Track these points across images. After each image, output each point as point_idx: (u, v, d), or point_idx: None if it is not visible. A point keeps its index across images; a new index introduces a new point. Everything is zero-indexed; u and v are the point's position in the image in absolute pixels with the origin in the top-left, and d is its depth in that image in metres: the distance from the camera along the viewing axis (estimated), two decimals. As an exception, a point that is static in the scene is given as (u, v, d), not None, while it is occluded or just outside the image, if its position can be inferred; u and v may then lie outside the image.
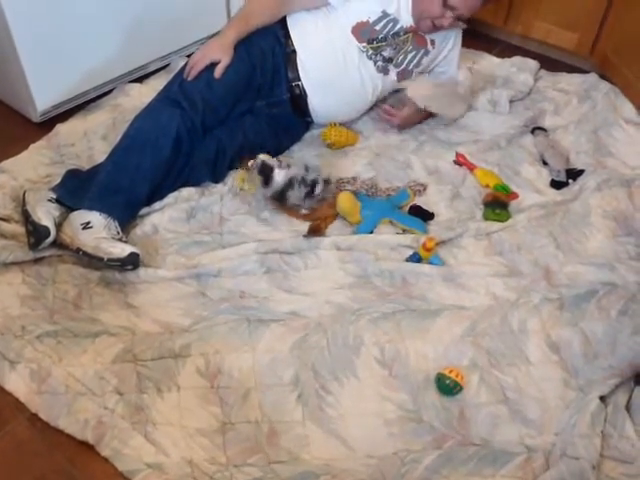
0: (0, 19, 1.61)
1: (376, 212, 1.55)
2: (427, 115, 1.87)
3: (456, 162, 1.75)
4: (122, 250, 1.35)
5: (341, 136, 1.75)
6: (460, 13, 1.63)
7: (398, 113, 1.79)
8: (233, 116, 1.63)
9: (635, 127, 1.86)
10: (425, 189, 1.67)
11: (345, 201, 1.53)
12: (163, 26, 1.98)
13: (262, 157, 1.53)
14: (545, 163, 1.76)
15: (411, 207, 1.60)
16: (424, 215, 1.58)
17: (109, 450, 1.10)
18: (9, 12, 1.60)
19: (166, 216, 1.52)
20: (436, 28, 1.67)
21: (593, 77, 2.06)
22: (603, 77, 2.06)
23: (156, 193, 1.53)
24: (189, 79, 1.56)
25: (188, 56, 1.68)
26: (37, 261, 1.41)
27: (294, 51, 1.67)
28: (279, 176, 1.50)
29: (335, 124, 1.77)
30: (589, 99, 1.97)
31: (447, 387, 1.20)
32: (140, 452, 1.10)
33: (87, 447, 1.11)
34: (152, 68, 2.05)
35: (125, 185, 1.45)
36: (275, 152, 1.72)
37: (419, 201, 1.63)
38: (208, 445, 1.12)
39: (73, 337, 1.26)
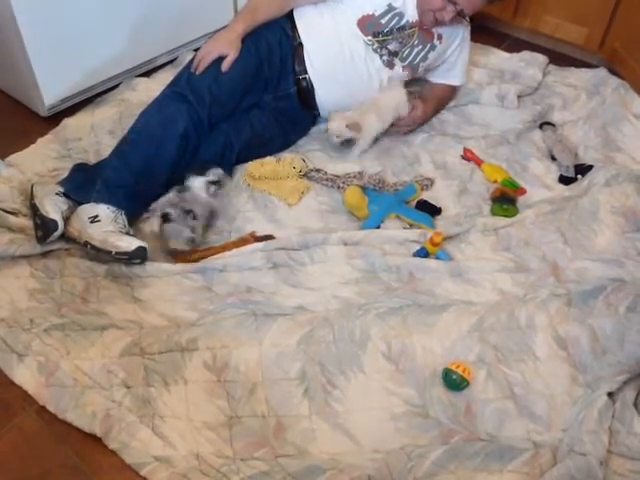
0: (8, 14, 1.61)
1: (383, 207, 1.55)
2: (441, 107, 1.87)
3: (464, 157, 1.75)
4: (129, 244, 1.35)
5: None
6: (461, 8, 1.62)
7: (412, 118, 1.76)
8: (240, 110, 1.62)
9: (644, 122, 1.84)
10: (432, 184, 1.66)
11: (352, 195, 1.52)
12: (170, 20, 1.98)
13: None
14: (553, 158, 1.75)
15: (418, 202, 1.60)
16: (431, 210, 1.58)
17: (116, 443, 1.10)
18: (16, 7, 1.60)
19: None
20: (438, 22, 1.66)
21: (602, 72, 2.05)
22: (612, 72, 2.04)
23: (163, 187, 1.53)
24: (196, 73, 1.56)
25: (195, 50, 1.67)
26: (45, 255, 1.42)
27: (301, 44, 1.66)
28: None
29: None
30: (598, 94, 1.96)
31: (454, 382, 1.19)
32: (147, 445, 1.10)
33: (95, 440, 1.12)
34: (159, 62, 2.05)
35: (131, 179, 1.45)
36: (282, 146, 1.72)
37: (426, 196, 1.62)
38: (215, 439, 1.13)
39: (81, 330, 1.27)
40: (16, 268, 1.39)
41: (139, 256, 1.36)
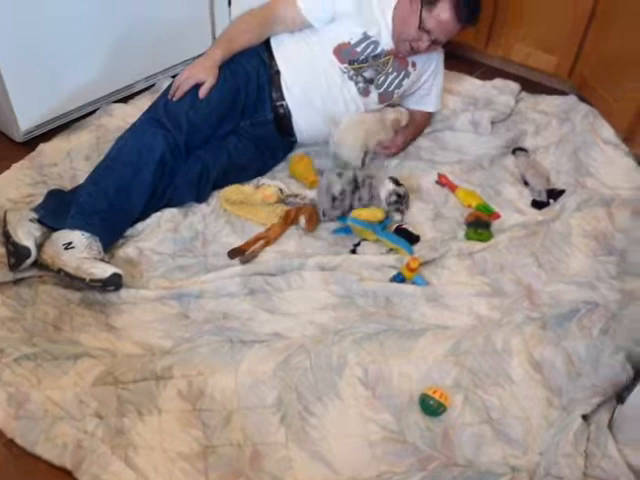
0: (-17, 39, 1.61)
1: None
2: (417, 133, 1.91)
3: (438, 182, 1.77)
4: (104, 271, 1.33)
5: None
6: (436, 37, 1.66)
7: (393, 143, 1.83)
8: (217, 136, 1.63)
9: (613, 148, 1.89)
10: (407, 207, 1.67)
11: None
12: (148, 46, 1.99)
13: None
14: (526, 183, 1.78)
15: (397, 229, 1.60)
16: (410, 238, 1.58)
17: (88, 476, 1.08)
18: (-8, 32, 1.60)
19: (150, 238, 1.52)
20: (414, 51, 1.70)
21: (572, 99, 2.10)
22: (582, 99, 2.09)
23: (139, 213, 1.52)
24: (174, 99, 1.57)
25: (173, 77, 1.68)
26: (17, 282, 1.39)
27: (278, 71, 1.68)
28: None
29: (303, 157, 1.76)
30: (568, 120, 2.01)
31: (431, 408, 1.19)
32: (120, 477, 1.08)
33: (65, 473, 1.09)
34: (137, 88, 2.05)
35: (106, 205, 1.45)
36: (259, 172, 1.73)
37: (403, 221, 1.63)
38: (189, 470, 1.10)
39: (53, 359, 1.24)
40: (-13, 296, 1.36)
41: (113, 283, 1.34)
